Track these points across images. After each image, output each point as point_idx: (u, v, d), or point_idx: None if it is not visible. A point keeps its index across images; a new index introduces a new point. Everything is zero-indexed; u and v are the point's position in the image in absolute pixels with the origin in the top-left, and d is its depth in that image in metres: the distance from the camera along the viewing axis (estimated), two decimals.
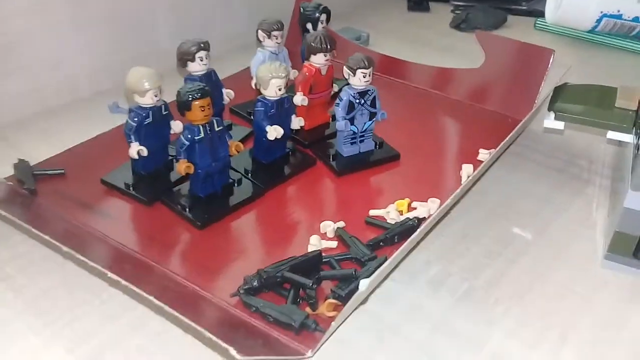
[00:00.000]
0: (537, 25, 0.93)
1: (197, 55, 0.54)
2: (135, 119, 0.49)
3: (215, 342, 0.33)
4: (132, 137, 0.50)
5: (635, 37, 0.84)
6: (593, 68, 0.80)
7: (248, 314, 0.40)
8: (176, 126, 0.52)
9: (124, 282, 0.36)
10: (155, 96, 0.49)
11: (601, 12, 0.81)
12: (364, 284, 0.34)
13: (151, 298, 0.34)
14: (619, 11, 0.80)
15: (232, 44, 0.81)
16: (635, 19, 0.81)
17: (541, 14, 0.93)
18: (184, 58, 0.54)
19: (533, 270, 0.47)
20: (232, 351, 0.32)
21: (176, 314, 0.34)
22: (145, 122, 0.50)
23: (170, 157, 0.54)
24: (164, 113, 0.51)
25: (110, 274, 0.36)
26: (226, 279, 0.43)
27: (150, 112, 0.50)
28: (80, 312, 0.41)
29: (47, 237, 0.40)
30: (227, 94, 0.59)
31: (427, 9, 1.00)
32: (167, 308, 0.34)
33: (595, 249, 0.49)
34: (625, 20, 0.81)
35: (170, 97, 0.50)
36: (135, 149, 0.50)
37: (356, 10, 0.98)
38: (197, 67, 0.55)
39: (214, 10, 0.81)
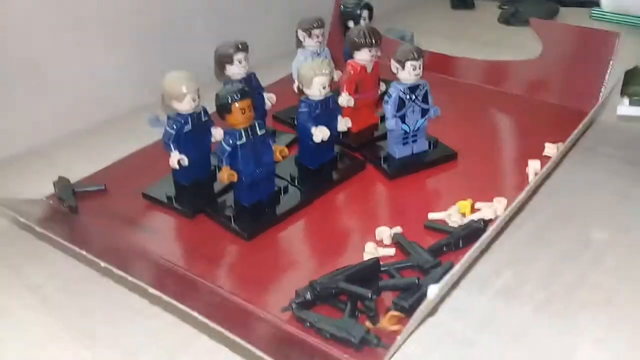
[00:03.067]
0: (592, 15, 0.88)
1: (235, 58, 0.51)
2: (174, 127, 0.47)
3: None
4: (172, 146, 0.47)
5: None
6: None
7: (302, 330, 0.36)
8: (217, 133, 0.49)
9: (166, 298, 0.32)
10: (194, 101, 0.46)
11: None
12: (432, 290, 0.29)
13: (196, 314, 0.31)
14: None
15: (273, 52, 0.78)
16: None
17: (596, 4, 0.88)
18: (222, 61, 0.52)
19: (618, 273, 0.41)
20: None
21: (224, 331, 0.30)
22: (185, 130, 0.47)
23: (213, 167, 0.51)
24: (204, 119, 0.48)
25: (151, 290, 0.33)
26: (277, 293, 0.40)
27: (189, 119, 0.47)
28: (124, 331, 0.38)
29: (84, 253, 0.37)
30: (269, 98, 0.56)
31: (471, 6, 0.96)
32: (213, 325, 0.30)
33: None
34: None
35: (212, 107, 0.47)
36: (176, 159, 0.47)
37: (397, 11, 0.94)
38: (236, 70, 0.52)
39: (254, 17, 0.79)
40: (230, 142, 0.45)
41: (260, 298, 0.39)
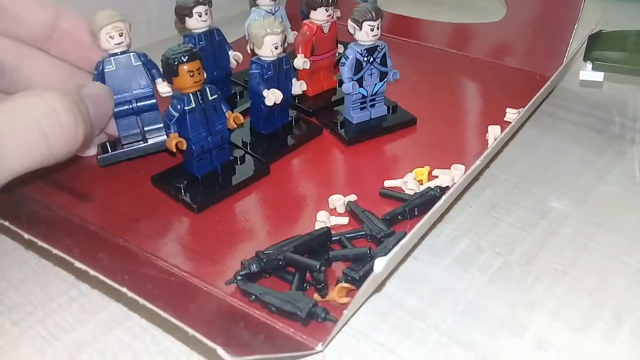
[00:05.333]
0: None
1: (194, 11, 0.48)
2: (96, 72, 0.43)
3: (204, 341, 0.27)
4: None
5: None
6: (622, 22, 0.72)
7: (247, 304, 0.34)
8: (160, 86, 0.45)
9: (92, 272, 0.30)
10: (112, 38, 0.42)
11: None
12: (379, 264, 0.28)
13: (125, 290, 0.29)
14: None
15: (230, 12, 0.75)
16: None
17: None
18: (182, 13, 0.48)
19: (576, 242, 0.40)
20: (220, 351, 0.26)
21: (156, 309, 0.28)
22: (107, 70, 0.43)
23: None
24: (135, 64, 0.44)
25: (77, 263, 0.30)
26: (223, 265, 0.38)
27: (113, 60, 0.43)
28: (54, 306, 0.36)
29: (6, 224, 0.34)
30: (235, 56, 0.53)
31: None
32: (142, 301, 0.28)
33: None
34: None
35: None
36: None
37: None
38: (195, 24, 0.49)
39: None
40: (178, 107, 0.42)
41: (205, 269, 0.37)
